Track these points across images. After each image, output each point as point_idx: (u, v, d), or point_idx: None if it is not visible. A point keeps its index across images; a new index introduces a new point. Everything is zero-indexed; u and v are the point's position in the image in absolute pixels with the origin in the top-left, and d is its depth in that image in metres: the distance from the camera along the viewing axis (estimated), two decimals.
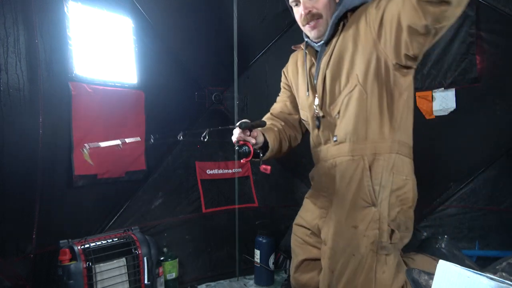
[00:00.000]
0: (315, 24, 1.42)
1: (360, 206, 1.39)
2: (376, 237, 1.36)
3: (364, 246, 1.37)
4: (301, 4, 1.40)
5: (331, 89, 1.45)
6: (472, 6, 2.39)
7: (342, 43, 1.41)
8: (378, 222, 1.36)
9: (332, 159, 1.50)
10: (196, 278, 2.67)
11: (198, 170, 2.75)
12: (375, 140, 1.39)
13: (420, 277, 0.90)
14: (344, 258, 1.39)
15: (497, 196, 2.43)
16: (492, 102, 2.41)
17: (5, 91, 1.73)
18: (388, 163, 1.39)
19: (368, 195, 1.37)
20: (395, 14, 1.17)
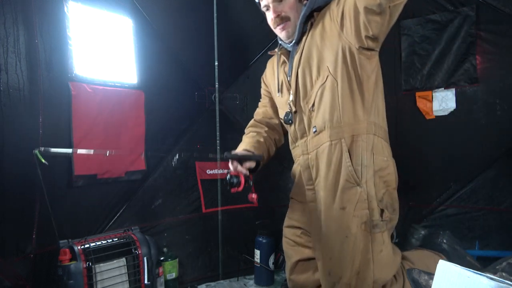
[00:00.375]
0: (284, 26, 1.55)
1: (344, 187, 1.43)
2: (368, 217, 1.40)
3: (355, 226, 1.40)
4: (270, 9, 1.54)
5: (304, 84, 1.55)
6: (472, 6, 2.40)
7: (311, 41, 1.52)
8: (366, 202, 1.41)
9: (314, 150, 1.55)
10: (196, 278, 2.67)
11: (198, 170, 2.75)
12: (351, 122, 1.46)
13: (420, 277, 0.90)
14: (338, 241, 1.43)
15: (497, 196, 2.43)
16: (492, 102, 2.41)
17: (5, 91, 1.73)
18: (367, 144, 1.45)
19: (350, 175, 1.42)
20: (352, 2, 1.30)
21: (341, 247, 1.42)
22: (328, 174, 1.48)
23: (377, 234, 1.41)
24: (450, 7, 2.49)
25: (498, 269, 0.89)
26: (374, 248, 1.41)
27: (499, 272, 0.87)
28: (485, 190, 2.48)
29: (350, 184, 1.43)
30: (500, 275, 0.86)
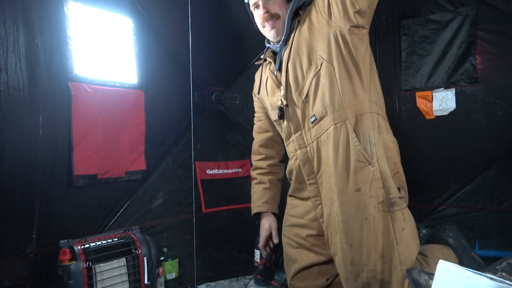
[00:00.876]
0: (274, 24, 1.58)
1: (356, 167, 1.40)
2: (384, 196, 1.35)
3: (372, 207, 1.35)
4: (260, 6, 1.57)
5: (295, 77, 1.55)
6: (472, 6, 2.40)
7: (299, 36, 1.54)
8: (380, 180, 1.36)
9: (314, 140, 1.53)
10: (196, 278, 2.67)
11: (198, 170, 2.75)
12: (353, 103, 1.44)
13: (420, 277, 0.91)
14: (357, 225, 1.37)
15: (497, 196, 2.43)
16: (492, 102, 2.41)
17: (5, 91, 1.73)
18: (372, 122, 1.43)
19: (360, 154, 1.39)
20: None
21: (361, 231, 1.36)
22: (337, 157, 1.43)
23: (397, 212, 1.36)
24: (450, 7, 2.49)
25: (498, 269, 0.89)
26: (396, 227, 1.34)
27: (499, 272, 0.87)
28: (485, 190, 2.48)
29: (361, 163, 1.39)
30: (500, 275, 0.86)
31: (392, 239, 1.33)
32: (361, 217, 1.36)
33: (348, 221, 1.39)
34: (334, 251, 1.47)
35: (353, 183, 1.39)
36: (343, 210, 1.41)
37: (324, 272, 1.60)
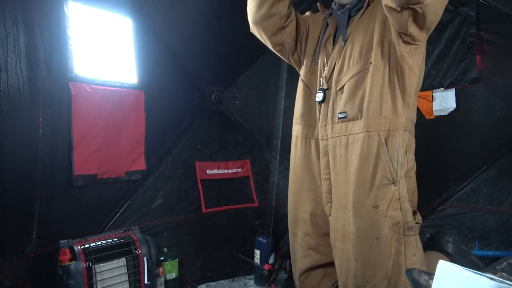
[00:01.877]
0: None
1: (380, 183, 1.33)
2: (401, 218, 1.31)
3: (387, 228, 1.30)
4: None
5: (342, 63, 1.45)
6: (472, 6, 2.39)
7: (363, 22, 1.43)
8: (399, 202, 1.31)
9: (336, 137, 1.43)
10: (196, 278, 2.67)
11: (198, 170, 2.75)
12: (390, 116, 1.36)
13: (420, 277, 0.90)
14: (367, 242, 1.32)
15: (497, 196, 2.43)
16: (492, 102, 2.41)
17: (5, 91, 1.73)
18: (403, 141, 1.37)
19: (388, 171, 1.32)
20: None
21: (370, 248, 1.32)
22: (363, 168, 1.35)
23: (411, 237, 1.32)
24: (450, 7, 2.49)
25: (498, 269, 0.89)
26: (407, 252, 1.31)
27: (499, 272, 0.87)
28: (485, 190, 2.48)
29: (386, 181, 1.33)
30: (500, 275, 0.86)
31: (401, 263, 1.30)
32: (372, 235, 1.32)
33: (359, 235, 1.34)
34: (336, 255, 1.45)
35: (373, 198, 1.33)
36: (357, 223, 1.35)
37: (330, 276, 1.56)
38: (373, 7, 1.43)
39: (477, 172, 2.49)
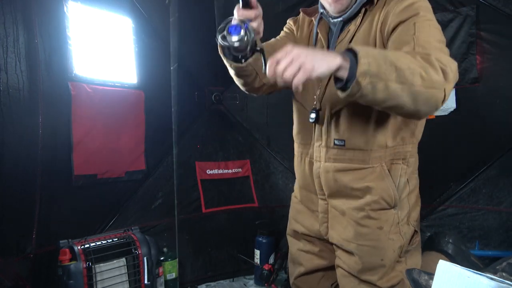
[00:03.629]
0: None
1: (380, 207, 1.28)
2: (402, 242, 1.28)
3: (391, 250, 1.27)
4: None
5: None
6: (472, 6, 2.40)
7: (362, 36, 1.22)
8: (398, 226, 1.28)
9: (332, 163, 1.34)
10: (196, 278, 2.68)
11: (198, 170, 2.75)
12: (396, 145, 1.27)
13: (420, 277, 0.90)
14: (371, 264, 1.28)
15: (497, 196, 2.43)
16: (492, 102, 2.41)
17: (5, 91, 1.73)
18: (407, 167, 1.30)
19: (390, 197, 1.27)
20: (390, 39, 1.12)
21: (374, 270, 1.27)
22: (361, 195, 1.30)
23: (403, 259, 1.30)
24: (450, 7, 2.49)
25: (498, 269, 0.89)
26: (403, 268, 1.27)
27: (499, 272, 0.87)
28: (485, 190, 2.48)
29: (387, 205, 1.28)
30: (500, 275, 0.86)
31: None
32: (377, 256, 1.27)
33: (362, 257, 1.28)
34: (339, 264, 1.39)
35: (375, 219, 1.28)
36: (359, 243, 1.29)
37: (329, 277, 1.50)
38: (372, 15, 1.23)
39: (477, 172, 2.49)
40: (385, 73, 0.92)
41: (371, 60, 0.91)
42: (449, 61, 1.00)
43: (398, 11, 1.11)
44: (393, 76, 0.93)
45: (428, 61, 0.96)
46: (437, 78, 0.96)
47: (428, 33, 1.05)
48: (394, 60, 0.93)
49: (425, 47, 1.02)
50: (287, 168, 3.03)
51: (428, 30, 1.06)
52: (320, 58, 0.93)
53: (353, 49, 0.93)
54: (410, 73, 0.93)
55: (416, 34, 1.05)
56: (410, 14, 1.08)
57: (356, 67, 0.91)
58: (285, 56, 0.92)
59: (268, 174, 3.02)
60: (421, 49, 1.02)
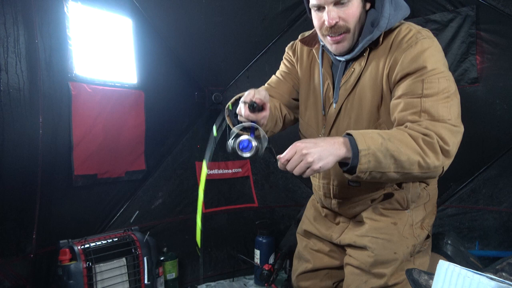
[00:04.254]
0: (340, 39, 1.16)
1: (392, 207, 1.30)
2: (415, 241, 1.29)
3: (405, 246, 1.27)
4: (324, 11, 1.13)
5: (346, 128, 1.25)
6: (472, 6, 2.40)
7: (368, 79, 1.19)
8: (412, 228, 1.29)
9: (346, 202, 1.35)
10: (196, 278, 2.68)
11: (198, 170, 2.75)
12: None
13: (420, 277, 0.90)
14: (384, 257, 1.26)
15: (497, 196, 2.43)
16: (492, 102, 2.41)
17: (5, 91, 1.73)
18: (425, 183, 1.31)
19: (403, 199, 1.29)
20: (393, 110, 1.12)
21: (387, 264, 1.27)
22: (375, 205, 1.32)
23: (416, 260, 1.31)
24: (450, 7, 2.49)
25: (498, 269, 0.89)
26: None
27: (499, 272, 0.87)
28: (485, 190, 2.48)
29: (399, 206, 1.30)
30: (500, 275, 0.86)
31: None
32: (391, 249, 1.26)
33: (375, 249, 1.28)
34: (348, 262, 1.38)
35: (389, 217, 1.30)
36: (374, 236, 1.28)
37: (332, 275, 1.50)
38: (377, 57, 1.17)
39: (477, 172, 2.49)
40: (384, 166, 1.00)
41: (371, 158, 0.97)
42: (453, 133, 1.03)
43: (407, 61, 1.09)
44: (392, 167, 1.00)
45: (430, 145, 1.00)
46: (436, 163, 1.01)
47: (436, 95, 1.05)
48: (394, 152, 0.98)
49: (431, 114, 1.04)
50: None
51: (436, 90, 1.06)
52: (327, 153, 0.98)
53: (355, 139, 0.98)
54: (409, 163, 0.99)
55: (423, 94, 1.06)
56: (418, 66, 1.08)
57: (358, 158, 0.97)
58: (293, 154, 0.99)
59: (268, 174, 3.02)
60: (426, 117, 1.04)
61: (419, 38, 1.10)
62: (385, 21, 1.12)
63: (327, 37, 1.19)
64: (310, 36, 1.35)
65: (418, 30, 1.14)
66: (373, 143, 0.98)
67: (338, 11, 1.12)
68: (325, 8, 1.13)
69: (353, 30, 1.15)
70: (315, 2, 1.14)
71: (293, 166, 0.99)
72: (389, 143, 0.99)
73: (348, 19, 1.13)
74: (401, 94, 1.10)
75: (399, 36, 1.14)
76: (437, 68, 1.07)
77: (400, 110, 1.09)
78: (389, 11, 1.13)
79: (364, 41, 1.15)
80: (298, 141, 1.01)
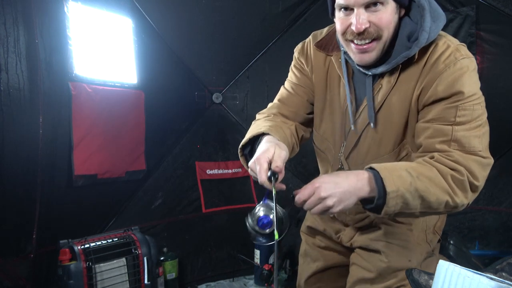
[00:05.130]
0: (368, 48, 0.99)
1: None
2: (429, 248, 1.25)
3: (419, 253, 1.22)
4: (353, 13, 0.97)
5: (367, 148, 1.15)
6: (472, 6, 2.40)
7: (397, 100, 1.06)
8: (425, 233, 1.24)
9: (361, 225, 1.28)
10: (196, 278, 2.68)
11: (198, 170, 2.75)
12: None
13: (420, 277, 0.90)
14: (399, 263, 1.19)
15: (497, 196, 2.43)
16: (492, 102, 2.41)
17: (5, 91, 1.73)
18: None
19: None
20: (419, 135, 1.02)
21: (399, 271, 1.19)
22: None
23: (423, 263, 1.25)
24: (450, 7, 2.49)
25: (498, 269, 0.89)
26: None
27: (499, 272, 0.87)
28: (485, 190, 2.47)
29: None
30: (500, 275, 0.86)
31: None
32: (405, 257, 1.20)
33: (390, 255, 1.21)
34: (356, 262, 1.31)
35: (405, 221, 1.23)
36: (389, 241, 1.21)
37: (344, 274, 1.39)
38: (408, 75, 1.04)
39: None
40: (411, 207, 0.92)
41: (399, 200, 0.90)
42: (483, 167, 0.96)
43: (443, 85, 0.97)
44: (419, 207, 0.93)
45: (460, 183, 0.94)
46: (464, 202, 0.96)
47: (469, 123, 0.96)
48: (424, 192, 0.91)
49: (462, 145, 0.95)
50: (286, 168, 3.02)
51: (469, 118, 0.96)
52: (349, 195, 0.90)
53: (383, 178, 0.89)
54: (437, 203, 0.93)
55: (456, 121, 0.96)
56: (454, 91, 0.96)
57: (384, 199, 0.89)
58: (311, 195, 0.91)
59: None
60: (456, 147, 0.95)
61: (458, 58, 0.98)
62: (426, 36, 0.97)
63: (351, 44, 1.02)
64: (327, 39, 1.17)
65: (457, 48, 1.00)
66: (402, 183, 0.89)
67: (369, 15, 0.96)
68: (354, 10, 0.96)
69: (385, 39, 0.99)
70: (342, 1, 0.97)
71: (310, 207, 0.92)
72: (418, 182, 0.91)
73: (381, 25, 0.97)
74: (430, 119, 1.00)
75: (435, 53, 1.00)
76: (474, 94, 0.97)
77: (428, 136, 0.99)
78: (429, 24, 0.97)
79: (399, 57, 1.00)
80: (316, 180, 0.92)
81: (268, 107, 1.31)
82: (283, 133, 1.14)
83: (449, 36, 1.05)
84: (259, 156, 0.97)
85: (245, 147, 1.14)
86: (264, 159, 0.96)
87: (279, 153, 0.98)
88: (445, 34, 1.05)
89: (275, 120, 1.23)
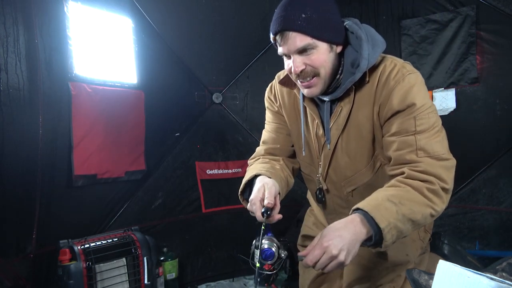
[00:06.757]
0: (310, 84, 1.13)
1: None
2: (422, 244, 1.33)
3: (415, 249, 1.30)
4: (291, 59, 1.12)
5: (344, 166, 1.24)
6: (472, 6, 2.40)
7: (361, 118, 1.17)
8: (417, 231, 1.32)
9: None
10: (196, 278, 2.68)
11: (198, 170, 2.75)
12: None
13: (420, 277, 0.90)
14: (398, 258, 1.26)
15: (497, 196, 2.43)
16: (492, 102, 2.41)
17: (5, 91, 1.73)
18: None
19: None
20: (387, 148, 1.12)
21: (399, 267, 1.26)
22: None
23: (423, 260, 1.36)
24: (450, 7, 2.49)
25: (498, 269, 0.89)
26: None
27: (499, 272, 0.87)
28: (485, 190, 2.48)
29: None
30: (500, 275, 0.86)
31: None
32: (403, 251, 1.27)
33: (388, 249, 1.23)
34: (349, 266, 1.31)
35: None
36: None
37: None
38: (365, 94, 1.16)
39: (477, 172, 2.49)
40: (404, 232, 1.00)
41: (394, 231, 0.97)
42: (449, 169, 1.07)
43: (397, 99, 1.08)
44: (410, 228, 1.01)
45: (434, 193, 1.03)
46: (443, 206, 1.05)
47: (428, 131, 1.08)
48: (410, 215, 0.99)
49: (427, 151, 1.06)
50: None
51: (427, 126, 1.08)
52: (354, 243, 0.96)
53: (373, 217, 0.95)
54: (423, 218, 1.02)
55: (416, 130, 1.07)
56: (408, 103, 1.08)
57: (381, 235, 0.96)
58: (321, 255, 0.95)
59: None
60: (423, 155, 1.06)
61: (405, 74, 1.10)
62: (365, 62, 1.10)
63: (298, 81, 1.16)
64: (288, 77, 1.27)
65: (402, 65, 1.13)
66: (390, 215, 0.97)
67: (303, 58, 1.09)
68: (291, 56, 1.11)
69: (323, 75, 1.11)
70: (280, 51, 1.13)
71: (322, 266, 0.95)
72: (402, 208, 0.98)
73: (315, 65, 1.09)
74: (394, 132, 1.10)
75: (385, 72, 1.13)
76: (425, 104, 1.09)
77: (396, 149, 1.09)
78: (367, 51, 1.10)
79: (347, 83, 1.13)
80: (322, 239, 0.96)
81: (256, 152, 1.44)
82: (273, 170, 1.27)
83: (394, 57, 1.18)
84: (252, 198, 1.11)
85: (244, 192, 1.26)
86: (257, 199, 1.10)
87: (270, 190, 1.11)
88: (390, 56, 1.18)
89: (264, 160, 1.36)
